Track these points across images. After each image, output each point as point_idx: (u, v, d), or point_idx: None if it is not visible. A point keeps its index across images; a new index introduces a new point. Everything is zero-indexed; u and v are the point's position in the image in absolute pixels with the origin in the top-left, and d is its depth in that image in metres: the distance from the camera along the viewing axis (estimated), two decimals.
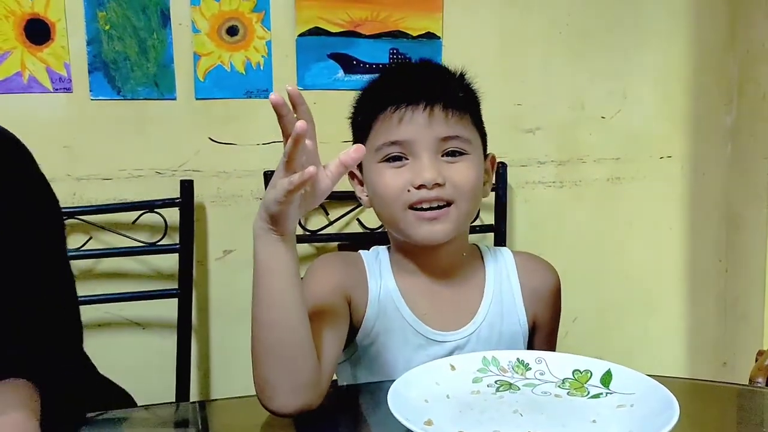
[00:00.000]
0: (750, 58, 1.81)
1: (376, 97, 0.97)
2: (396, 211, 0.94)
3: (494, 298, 1.03)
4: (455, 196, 0.93)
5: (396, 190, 0.93)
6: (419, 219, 0.93)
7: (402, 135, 0.92)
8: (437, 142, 0.92)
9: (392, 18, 1.60)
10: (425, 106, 0.92)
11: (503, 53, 1.72)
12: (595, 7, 1.77)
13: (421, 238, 0.94)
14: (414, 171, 0.92)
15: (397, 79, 1.01)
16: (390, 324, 0.99)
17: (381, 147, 0.94)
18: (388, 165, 0.94)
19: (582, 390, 0.86)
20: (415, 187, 0.92)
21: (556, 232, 1.81)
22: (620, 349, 1.88)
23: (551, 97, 1.76)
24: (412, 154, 0.93)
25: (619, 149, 1.83)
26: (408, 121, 0.92)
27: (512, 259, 1.07)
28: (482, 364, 0.91)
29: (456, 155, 0.94)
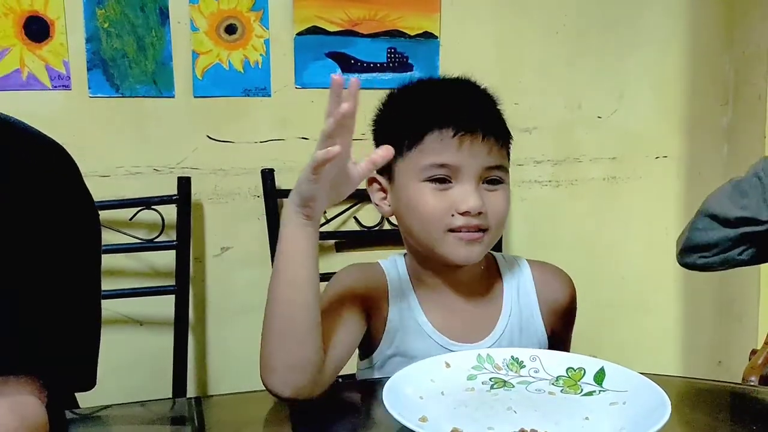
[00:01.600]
0: (746, 60, 1.82)
1: (430, 112, 0.95)
2: (435, 232, 0.94)
3: (513, 311, 1.03)
4: (491, 224, 0.95)
5: (439, 213, 0.93)
6: (459, 241, 0.93)
7: (454, 160, 0.92)
8: (483, 170, 0.93)
9: (390, 17, 1.61)
10: (484, 136, 0.93)
11: (500, 53, 1.73)
12: (593, 7, 1.78)
13: (458, 259, 0.95)
14: (459, 197, 0.92)
15: (449, 99, 0.98)
16: (411, 336, 1.00)
17: (428, 167, 0.93)
18: (432, 186, 0.93)
19: (576, 387, 0.87)
20: (459, 213, 0.92)
21: (552, 230, 1.82)
22: (615, 347, 1.88)
23: (548, 96, 1.77)
24: (457, 178, 0.93)
25: (615, 149, 1.84)
26: (464, 147, 0.92)
27: (529, 271, 1.07)
28: (477, 362, 0.92)
29: (495, 183, 0.96)
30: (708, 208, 1.08)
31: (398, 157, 0.94)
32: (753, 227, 1.02)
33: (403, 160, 0.94)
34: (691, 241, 1.10)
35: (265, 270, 1.57)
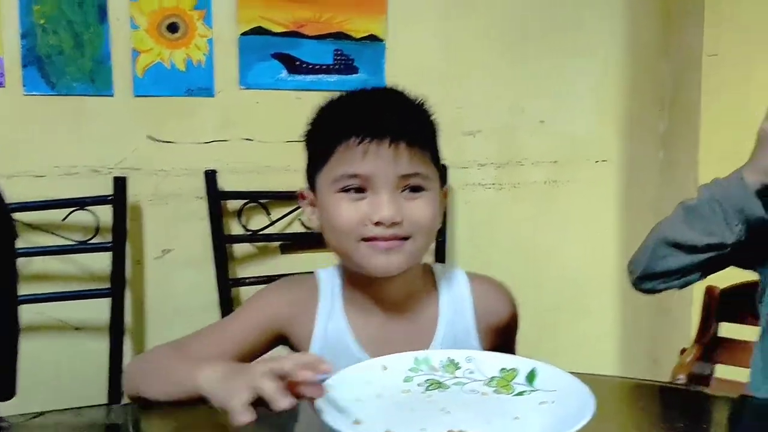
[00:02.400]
0: (682, 67, 1.88)
1: (339, 123, 0.93)
2: (349, 242, 0.92)
3: (447, 333, 1.01)
4: (412, 232, 0.92)
5: (352, 223, 0.91)
6: (373, 250, 0.91)
7: (364, 169, 0.89)
8: (398, 178, 0.90)
9: (336, 19, 1.61)
10: (391, 142, 0.89)
11: (446, 57, 1.75)
12: (536, 13, 1.81)
13: (375, 269, 0.92)
14: (372, 206, 0.90)
15: (362, 108, 0.95)
16: (337, 357, 0.95)
17: (340, 178, 0.91)
18: (345, 196, 0.91)
19: (508, 388, 0.88)
20: (372, 223, 0.90)
21: (495, 232, 1.85)
22: (556, 348, 1.92)
23: (492, 100, 1.80)
24: (371, 188, 0.90)
25: (556, 152, 1.88)
26: (372, 155, 0.89)
27: (467, 286, 1.03)
28: (414, 364, 0.92)
29: (415, 191, 0.92)
30: (668, 236, 1.06)
31: (318, 170, 0.93)
32: (719, 251, 1.02)
33: (321, 173, 0.93)
34: (652, 269, 1.08)
35: (207, 272, 1.56)
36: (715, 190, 1.00)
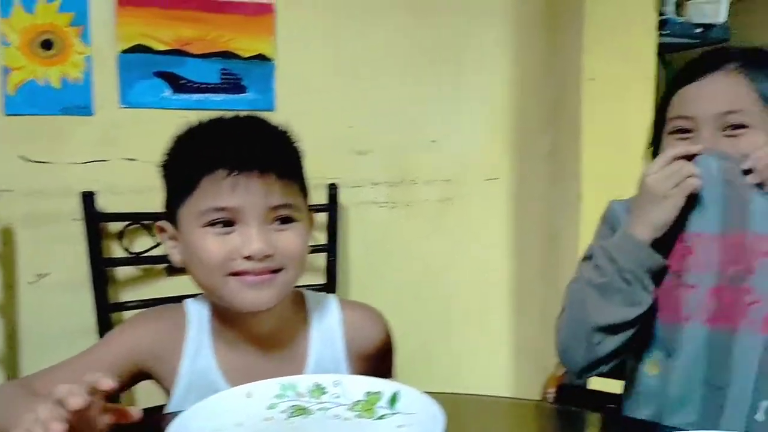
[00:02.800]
0: (565, 89, 1.96)
1: (204, 154, 0.89)
2: (216, 278, 0.89)
3: (317, 363, 1.00)
4: (284, 264, 0.90)
5: (219, 258, 0.88)
6: (242, 285, 0.89)
7: (232, 202, 0.87)
8: (268, 210, 0.88)
9: (223, 38, 1.60)
10: (260, 174, 0.87)
11: (337, 76, 1.76)
12: (426, 33, 1.85)
13: (245, 305, 0.90)
14: (242, 240, 0.87)
15: (227, 138, 0.91)
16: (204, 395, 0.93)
17: (207, 211, 0.88)
18: (212, 230, 0.88)
19: (370, 412, 0.89)
20: (242, 257, 0.87)
21: (389, 250, 1.87)
22: (451, 363, 1.97)
23: (384, 119, 1.82)
24: (240, 221, 0.88)
25: (448, 171, 1.92)
26: (241, 188, 0.86)
27: (339, 315, 1.03)
28: (280, 390, 0.92)
29: (285, 222, 0.91)
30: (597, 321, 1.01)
31: (180, 203, 0.89)
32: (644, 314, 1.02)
33: (184, 206, 0.89)
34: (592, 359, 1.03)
35: (85, 296, 1.50)
36: (615, 257, 0.98)
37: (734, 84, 0.96)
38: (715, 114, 0.96)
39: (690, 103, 0.99)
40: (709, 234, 0.97)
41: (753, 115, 0.95)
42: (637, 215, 0.99)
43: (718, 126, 0.96)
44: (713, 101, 0.96)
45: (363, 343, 1.03)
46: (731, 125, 0.95)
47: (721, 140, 0.95)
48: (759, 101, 0.95)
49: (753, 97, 0.95)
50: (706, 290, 0.96)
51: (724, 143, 0.95)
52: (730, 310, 0.95)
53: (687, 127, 0.99)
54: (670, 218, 0.96)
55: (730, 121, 0.95)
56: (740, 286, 0.94)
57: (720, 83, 0.97)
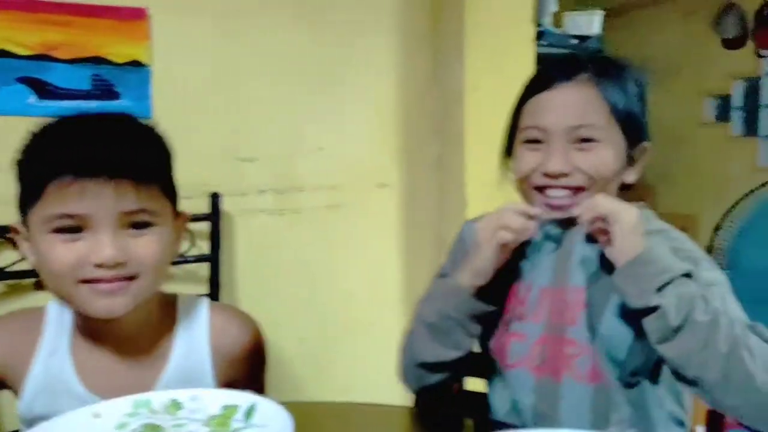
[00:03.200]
0: (449, 98, 2.01)
1: (52, 158, 0.85)
2: (67, 285, 0.86)
3: (179, 365, 0.98)
4: (138, 271, 0.88)
5: (68, 266, 0.85)
6: (94, 292, 0.86)
7: (80, 209, 0.84)
8: (121, 216, 0.85)
9: (93, 43, 1.54)
10: (110, 179, 0.84)
11: (218, 82, 1.73)
12: (309, 40, 1.85)
13: (98, 313, 0.88)
14: (92, 247, 0.84)
15: (77, 140, 0.87)
16: (58, 398, 0.92)
17: (53, 218, 0.84)
18: (60, 237, 0.85)
19: (226, 426, 0.88)
20: (92, 265, 0.85)
21: (278, 258, 1.86)
22: (344, 370, 1.97)
23: (268, 126, 1.81)
24: (89, 227, 0.85)
25: (337, 178, 1.92)
26: (89, 194, 0.83)
27: (207, 319, 1.01)
28: (133, 408, 0.89)
29: (142, 228, 0.88)
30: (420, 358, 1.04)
31: (29, 207, 0.86)
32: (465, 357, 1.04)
33: (33, 210, 0.86)
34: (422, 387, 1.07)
35: None
36: (441, 304, 1.01)
37: (585, 96, 0.98)
38: (566, 127, 0.97)
39: (542, 114, 1.00)
40: (539, 286, 1.01)
41: (602, 130, 0.97)
42: (465, 261, 1.01)
43: (569, 139, 0.97)
44: (564, 114, 0.98)
45: (230, 348, 1.01)
46: (582, 138, 0.97)
47: (571, 152, 0.97)
48: (609, 114, 0.98)
49: (604, 111, 0.98)
50: (534, 340, 1.00)
51: (573, 156, 0.97)
52: (554, 361, 0.98)
53: (538, 138, 1.00)
54: (488, 267, 0.97)
55: (580, 135, 0.97)
56: (564, 337, 0.98)
57: (572, 95, 0.99)
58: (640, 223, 0.89)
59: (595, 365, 0.96)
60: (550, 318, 1.00)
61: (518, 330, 1.01)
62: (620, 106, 0.99)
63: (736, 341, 0.82)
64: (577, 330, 0.97)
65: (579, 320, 0.97)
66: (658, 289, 0.84)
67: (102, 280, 0.86)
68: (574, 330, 0.97)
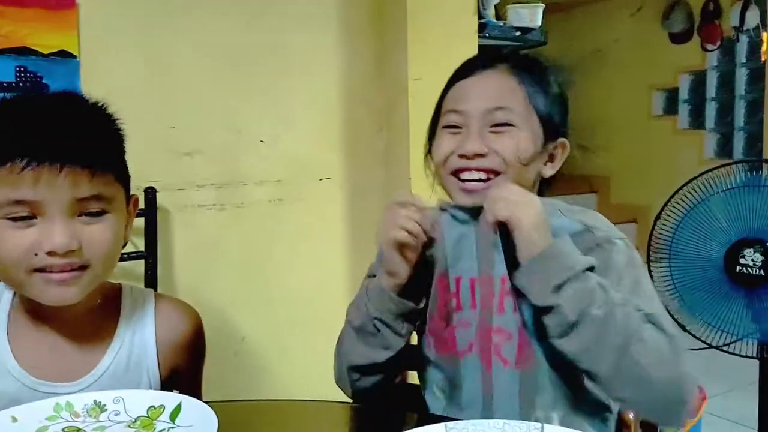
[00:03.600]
0: (394, 91, 2.00)
1: (4, 142, 0.83)
2: (19, 274, 0.85)
3: (123, 349, 0.97)
4: (90, 260, 0.87)
5: (20, 254, 0.83)
6: (47, 282, 0.85)
7: (32, 196, 0.82)
8: (74, 203, 0.84)
9: (18, 33, 1.48)
10: (62, 166, 0.82)
11: (151, 74, 1.68)
12: (251, 33, 1.82)
13: (51, 301, 0.88)
14: (44, 234, 0.83)
15: (29, 124, 0.85)
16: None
17: (4, 204, 0.82)
18: (9, 224, 0.83)
19: (150, 427, 0.86)
20: (44, 252, 0.83)
21: (220, 254, 1.82)
22: (292, 365, 1.94)
23: (207, 120, 1.77)
24: (41, 214, 0.83)
25: (280, 172, 1.90)
26: (42, 181, 0.81)
27: (152, 306, 1.02)
28: (54, 411, 0.86)
29: (94, 215, 0.87)
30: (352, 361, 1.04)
31: None
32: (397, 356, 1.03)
33: None
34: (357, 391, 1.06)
35: None
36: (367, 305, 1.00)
37: (504, 82, 1.00)
38: (484, 110, 0.98)
39: (462, 98, 1.01)
40: (468, 276, 1.01)
41: (518, 114, 0.98)
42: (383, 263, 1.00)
43: (486, 122, 0.98)
44: (483, 97, 0.99)
45: (174, 335, 1.02)
46: (498, 123, 0.98)
47: (487, 135, 0.98)
48: (525, 100, 0.99)
49: (520, 96, 0.99)
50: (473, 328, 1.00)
51: (490, 138, 0.97)
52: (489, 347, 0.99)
53: (457, 123, 1.01)
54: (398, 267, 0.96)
55: (497, 119, 0.98)
56: (491, 326, 0.98)
57: (491, 80, 1.01)
58: (542, 220, 0.89)
59: (521, 351, 0.97)
60: (481, 307, 1.00)
61: (461, 319, 1.02)
62: (538, 97, 1.00)
63: (630, 334, 0.83)
64: (503, 318, 0.98)
65: (506, 308, 0.98)
66: (558, 286, 0.85)
67: (54, 268, 0.85)
68: (500, 318, 0.98)
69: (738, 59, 4.69)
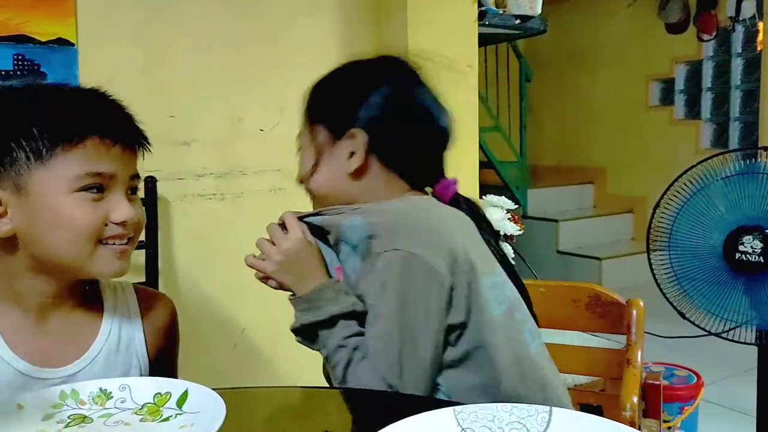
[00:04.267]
0: None
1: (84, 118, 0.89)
2: (86, 245, 0.89)
3: (112, 333, 1.00)
4: (136, 232, 0.94)
5: (96, 224, 0.89)
6: (112, 254, 0.91)
7: (108, 168, 0.88)
8: (129, 179, 0.92)
9: (14, 21, 1.47)
10: (128, 145, 0.91)
11: (150, 63, 1.67)
12: (249, 21, 1.81)
13: (112, 273, 0.93)
14: (114, 206, 0.90)
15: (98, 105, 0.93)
16: None
17: (84, 176, 0.87)
18: (86, 195, 0.88)
19: (156, 414, 0.85)
20: (114, 223, 0.90)
21: (220, 243, 1.82)
22: (290, 356, 1.93)
23: (206, 109, 1.76)
24: (109, 188, 0.90)
25: (279, 161, 1.89)
26: (114, 155, 0.89)
27: (133, 294, 1.06)
28: (59, 399, 0.86)
29: (135, 192, 0.95)
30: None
31: (31, 164, 0.86)
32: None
33: (44, 168, 0.86)
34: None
35: None
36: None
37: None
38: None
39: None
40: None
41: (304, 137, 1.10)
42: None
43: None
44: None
45: (157, 319, 1.06)
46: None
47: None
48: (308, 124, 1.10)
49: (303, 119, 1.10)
50: None
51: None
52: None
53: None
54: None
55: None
56: None
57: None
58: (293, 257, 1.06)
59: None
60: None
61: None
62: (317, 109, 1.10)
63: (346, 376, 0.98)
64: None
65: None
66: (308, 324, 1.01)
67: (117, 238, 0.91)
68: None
69: (734, 49, 4.70)
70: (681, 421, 2.18)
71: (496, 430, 0.76)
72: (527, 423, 0.77)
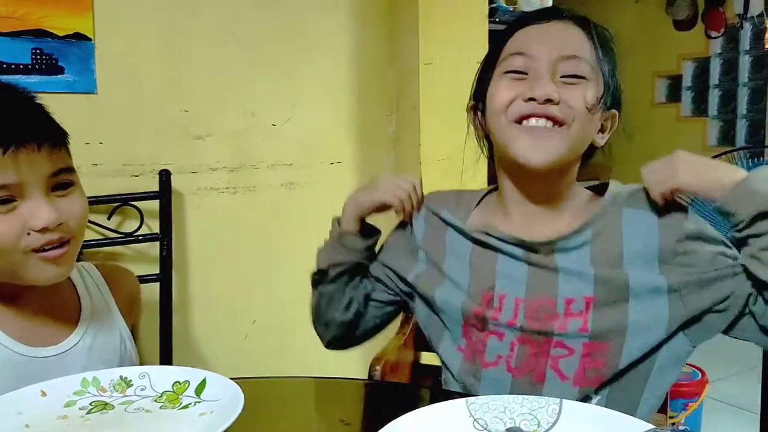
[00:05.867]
0: (405, 75, 2.00)
1: None
2: (13, 257, 0.87)
3: (94, 310, 1.03)
4: (75, 230, 0.91)
5: (12, 237, 0.85)
6: (44, 261, 0.88)
7: (11, 178, 0.84)
8: (48, 179, 0.88)
9: (33, 15, 1.48)
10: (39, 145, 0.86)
11: (166, 58, 1.69)
12: (264, 16, 1.82)
13: (48, 280, 0.91)
14: (31, 213, 0.86)
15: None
16: None
17: None
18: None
19: (176, 402, 0.87)
20: (36, 231, 0.86)
21: (233, 237, 1.84)
22: (302, 347, 1.95)
23: (220, 103, 1.78)
24: (22, 195, 0.86)
25: (291, 155, 1.91)
26: (20, 162, 0.84)
27: (97, 272, 1.08)
28: (81, 386, 0.89)
29: (65, 188, 0.91)
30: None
31: None
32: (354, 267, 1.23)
33: None
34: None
35: None
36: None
37: (575, 33, 0.95)
38: (557, 56, 0.92)
39: (532, 42, 0.94)
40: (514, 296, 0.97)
41: (591, 69, 0.93)
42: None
43: (556, 71, 0.92)
44: (556, 44, 0.93)
45: (125, 288, 1.10)
46: (568, 74, 0.92)
47: (558, 85, 0.92)
48: (594, 58, 0.94)
49: (590, 52, 0.94)
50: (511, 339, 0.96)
51: (560, 89, 0.92)
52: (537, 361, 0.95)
53: (523, 68, 0.93)
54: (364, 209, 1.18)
55: (568, 69, 0.92)
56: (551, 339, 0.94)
57: (562, 29, 0.95)
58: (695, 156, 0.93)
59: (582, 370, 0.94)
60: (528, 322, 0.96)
61: (495, 329, 0.98)
62: (604, 59, 0.95)
63: None
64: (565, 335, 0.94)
65: (569, 328, 0.93)
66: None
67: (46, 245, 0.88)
68: (562, 334, 0.94)
69: (742, 46, 4.68)
70: (685, 418, 2.19)
71: (508, 421, 0.78)
72: (538, 414, 0.79)
